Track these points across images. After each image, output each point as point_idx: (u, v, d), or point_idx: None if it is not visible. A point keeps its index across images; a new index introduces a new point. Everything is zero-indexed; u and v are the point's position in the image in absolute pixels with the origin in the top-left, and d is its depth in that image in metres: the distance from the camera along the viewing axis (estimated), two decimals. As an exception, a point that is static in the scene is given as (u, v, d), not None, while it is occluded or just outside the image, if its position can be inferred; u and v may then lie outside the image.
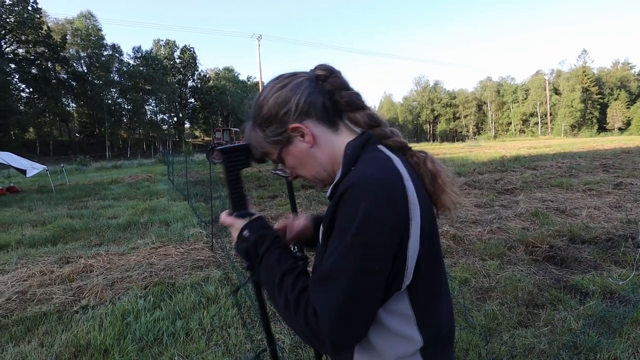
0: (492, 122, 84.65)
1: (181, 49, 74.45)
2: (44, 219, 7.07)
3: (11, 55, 49.96)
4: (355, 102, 0.74)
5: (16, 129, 50.26)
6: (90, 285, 3.49)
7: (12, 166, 11.85)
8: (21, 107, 50.39)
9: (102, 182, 13.78)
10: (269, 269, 0.70)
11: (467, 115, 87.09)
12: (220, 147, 0.79)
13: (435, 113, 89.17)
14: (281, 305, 0.66)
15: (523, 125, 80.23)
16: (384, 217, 0.58)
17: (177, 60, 74.45)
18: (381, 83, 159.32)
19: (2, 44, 49.45)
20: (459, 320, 2.64)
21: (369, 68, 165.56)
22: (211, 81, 78.32)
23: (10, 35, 49.33)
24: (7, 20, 48.45)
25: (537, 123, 78.54)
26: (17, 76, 50.75)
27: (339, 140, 0.74)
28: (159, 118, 69.50)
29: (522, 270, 3.54)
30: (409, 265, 0.62)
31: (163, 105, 68.05)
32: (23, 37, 49.74)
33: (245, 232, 0.76)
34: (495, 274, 3.49)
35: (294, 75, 0.76)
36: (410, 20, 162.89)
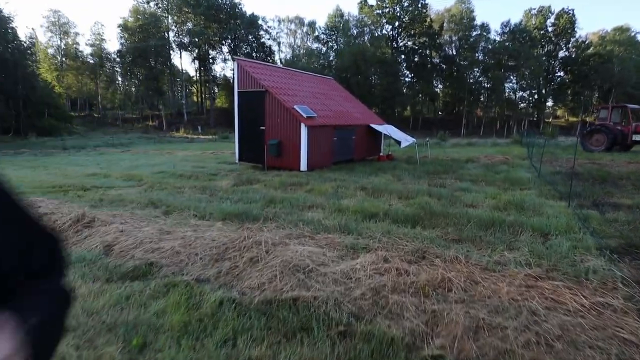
0: None
1: (556, 15, 63.78)
2: (408, 192, 7.25)
3: (402, 48, 61.96)
4: None
5: (399, 107, 63.13)
6: (446, 316, 2.49)
7: (392, 137, 13.85)
8: (404, 90, 62.21)
9: (458, 159, 13.67)
10: None
11: None
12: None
13: None
14: None
15: None
16: None
17: (550, 29, 64.74)
18: None
19: (399, 40, 62.26)
20: None
21: None
22: (591, 48, 62.93)
23: (403, 31, 60.94)
24: (403, 19, 59.85)
25: None
26: (404, 65, 62.73)
27: None
28: (517, 96, 64.67)
29: None
30: None
31: (524, 82, 62.36)
32: (412, 32, 59.95)
33: None
34: None
35: None
36: None
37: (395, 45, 61.69)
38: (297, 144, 10.14)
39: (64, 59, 62.34)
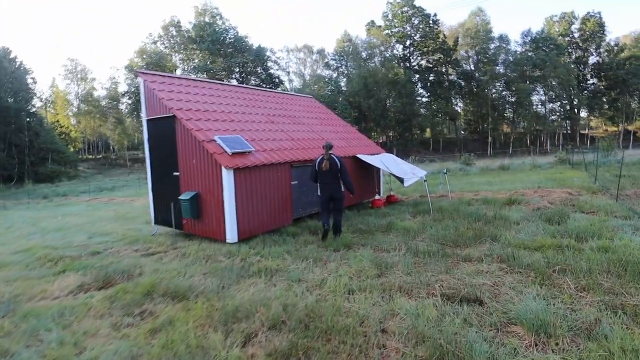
0: None
1: (582, 19, 59.05)
2: (411, 307, 2.98)
3: (416, 67, 58.39)
4: None
5: (417, 130, 58.77)
6: None
7: (390, 172, 9.63)
8: (421, 110, 58.06)
9: (494, 199, 9.18)
10: None
11: None
12: None
13: None
14: None
15: None
16: None
17: (576, 35, 60.00)
18: None
19: (411, 59, 58.88)
20: None
21: None
22: (624, 51, 57.49)
23: (416, 50, 57.63)
24: (414, 37, 56.67)
25: None
26: (419, 84, 58.91)
27: None
28: (547, 108, 58.95)
29: None
30: None
31: (553, 93, 56.97)
32: (424, 50, 56.51)
33: None
34: None
35: None
36: None
37: (408, 65, 58.25)
38: (220, 198, 6.12)
39: (81, 104, 62.91)
